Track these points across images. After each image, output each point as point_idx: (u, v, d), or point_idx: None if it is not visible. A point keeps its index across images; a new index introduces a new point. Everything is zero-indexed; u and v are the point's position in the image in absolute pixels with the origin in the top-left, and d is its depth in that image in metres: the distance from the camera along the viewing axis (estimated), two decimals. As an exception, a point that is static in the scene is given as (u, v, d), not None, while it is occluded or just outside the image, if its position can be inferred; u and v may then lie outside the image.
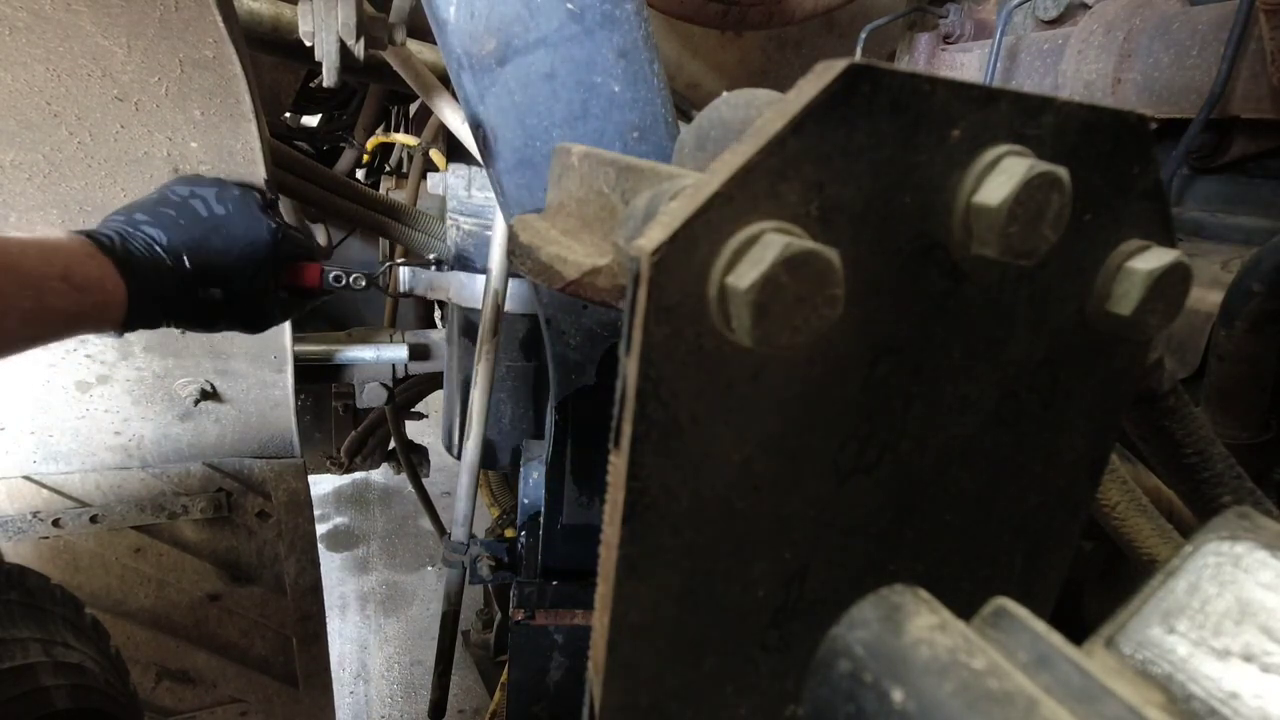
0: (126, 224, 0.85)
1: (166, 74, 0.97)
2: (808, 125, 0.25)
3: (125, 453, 1.18)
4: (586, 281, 0.35)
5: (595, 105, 0.76)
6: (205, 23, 0.95)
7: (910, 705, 0.25)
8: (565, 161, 0.42)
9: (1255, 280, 0.75)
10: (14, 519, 1.10)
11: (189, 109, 1.00)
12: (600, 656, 0.29)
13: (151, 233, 0.85)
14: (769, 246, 0.24)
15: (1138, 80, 1.09)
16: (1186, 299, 0.32)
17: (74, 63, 0.93)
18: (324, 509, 3.57)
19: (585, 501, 1.07)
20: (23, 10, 0.89)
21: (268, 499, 1.25)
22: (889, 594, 0.29)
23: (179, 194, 0.92)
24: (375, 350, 1.85)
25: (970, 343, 0.32)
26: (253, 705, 1.31)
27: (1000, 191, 0.27)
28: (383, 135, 2.62)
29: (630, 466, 0.26)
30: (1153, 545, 0.60)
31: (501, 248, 1.23)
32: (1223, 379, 0.81)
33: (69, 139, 0.98)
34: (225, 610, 1.26)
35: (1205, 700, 0.25)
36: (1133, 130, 0.32)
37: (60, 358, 1.10)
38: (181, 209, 0.90)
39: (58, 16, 0.90)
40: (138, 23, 0.93)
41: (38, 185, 0.99)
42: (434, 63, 1.49)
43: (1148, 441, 0.52)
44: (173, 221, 0.87)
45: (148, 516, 1.17)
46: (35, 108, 0.95)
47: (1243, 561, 0.27)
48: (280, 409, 1.25)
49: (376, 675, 2.65)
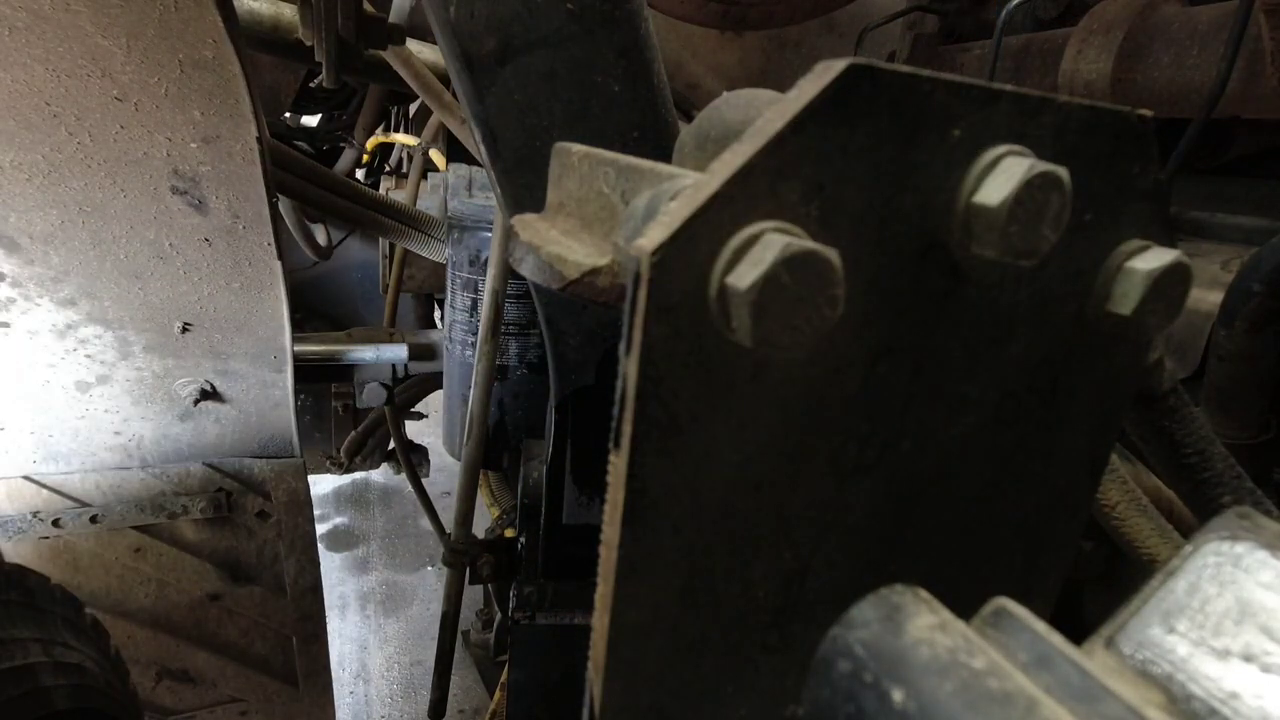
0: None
1: (166, 74, 0.97)
2: (808, 125, 0.25)
3: (125, 453, 1.18)
4: (586, 281, 0.35)
5: (595, 105, 0.76)
6: (205, 23, 0.95)
7: (910, 705, 0.25)
8: (565, 161, 0.42)
9: (1255, 280, 0.75)
10: (14, 519, 1.10)
11: (189, 109, 1.00)
12: (600, 656, 0.29)
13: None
14: (769, 246, 0.24)
15: (1138, 80, 1.09)
16: (1186, 299, 0.32)
17: (73, 63, 0.93)
18: (324, 509, 3.57)
19: (585, 501, 1.07)
20: (22, 10, 0.89)
21: (268, 499, 1.25)
22: (889, 594, 0.29)
23: None
24: (375, 350, 1.85)
25: (970, 343, 0.32)
26: (253, 705, 1.31)
27: (1000, 191, 0.27)
28: (383, 135, 2.62)
29: (630, 466, 0.26)
30: (1153, 545, 0.60)
31: (501, 248, 1.23)
32: (1223, 379, 0.81)
33: (69, 139, 0.97)
34: (225, 610, 1.26)
35: (1205, 700, 0.25)
36: (1133, 130, 0.32)
37: (60, 358, 1.10)
38: None
39: (57, 16, 0.90)
40: (137, 23, 0.93)
41: (38, 185, 0.99)
42: (434, 63, 1.49)
43: (1148, 441, 0.52)
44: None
45: (148, 516, 1.17)
46: (35, 108, 0.94)
47: (1243, 561, 0.27)
48: (280, 409, 1.25)
49: (376, 675, 2.65)
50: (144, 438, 1.19)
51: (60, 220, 1.01)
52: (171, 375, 1.17)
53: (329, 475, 2.60)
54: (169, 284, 1.11)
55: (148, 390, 1.16)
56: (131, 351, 1.13)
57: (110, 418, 1.16)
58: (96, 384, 1.13)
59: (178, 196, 1.06)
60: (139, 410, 1.17)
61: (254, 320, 1.18)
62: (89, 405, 1.14)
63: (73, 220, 1.02)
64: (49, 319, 1.07)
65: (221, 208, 1.09)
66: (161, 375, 1.16)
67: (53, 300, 1.06)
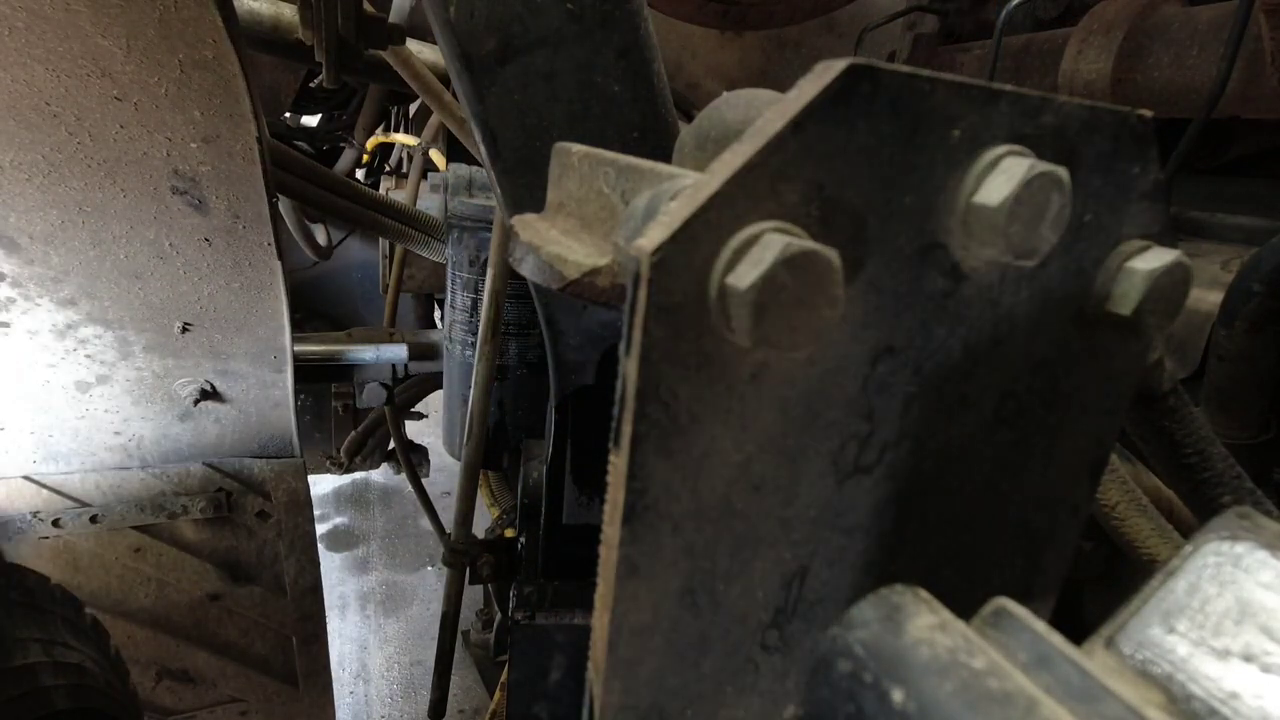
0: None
1: (166, 74, 0.97)
2: (808, 125, 0.25)
3: (125, 453, 1.18)
4: (586, 281, 0.35)
5: (595, 105, 0.76)
6: (205, 23, 0.95)
7: (910, 705, 0.25)
8: (565, 161, 0.42)
9: (1255, 280, 0.75)
10: (14, 519, 1.10)
11: (188, 109, 1.00)
12: (600, 656, 0.29)
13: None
14: (769, 246, 0.24)
15: (1138, 80, 1.09)
16: (1186, 299, 0.32)
17: (73, 63, 0.93)
18: (324, 509, 3.57)
19: (585, 501, 1.07)
20: (22, 10, 0.89)
21: (268, 499, 1.25)
22: (889, 594, 0.29)
23: None
24: (375, 350, 1.85)
25: (970, 343, 0.32)
26: (253, 705, 1.31)
27: (1000, 191, 0.27)
28: (383, 135, 2.62)
29: (630, 466, 0.26)
30: (1153, 545, 0.60)
31: (501, 248, 1.23)
32: (1223, 379, 0.81)
33: (69, 139, 0.97)
34: (225, 610, 1.26)
35: (1205, 700, 0.25)
36: (1133, 130, 0.32)
37: (60, 358, 1.10)
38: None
39: (57, 16, 0.90)
40: (137, 23, 0.93)
41: (38, 185, 0.99)
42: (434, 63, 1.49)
43: (1148, 441, 0.52)
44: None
45: (148, 516, 1.17)
46: (35, 108, 0.94)
47: (1243, 561, 0.27)
48: (280, 409, 1.25)
49: (376, 675, 2.65)
50: (144, 438, 1.19)
51: (60, 220, 1.01)
52: (171, 375, 1.17)
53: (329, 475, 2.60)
54: (169, 284, 1.11)
55: (148, 390, 1.16)
56: (131, 351, 1.13)
57: (110, 418, 1.16)
58: (96, 384, 1.13)
59: (178, 196, 1.06)
60: (139, 410, 1.17)
61: (254, 320, 1.18)
62: (89, 405, 1.14)
63: (73, 220, 1.02)
64: (49, 319, 1.07)
65: (221, 207, 1.09)
66: (161, 375, 1.16)
67: (53, 300, 1.06)
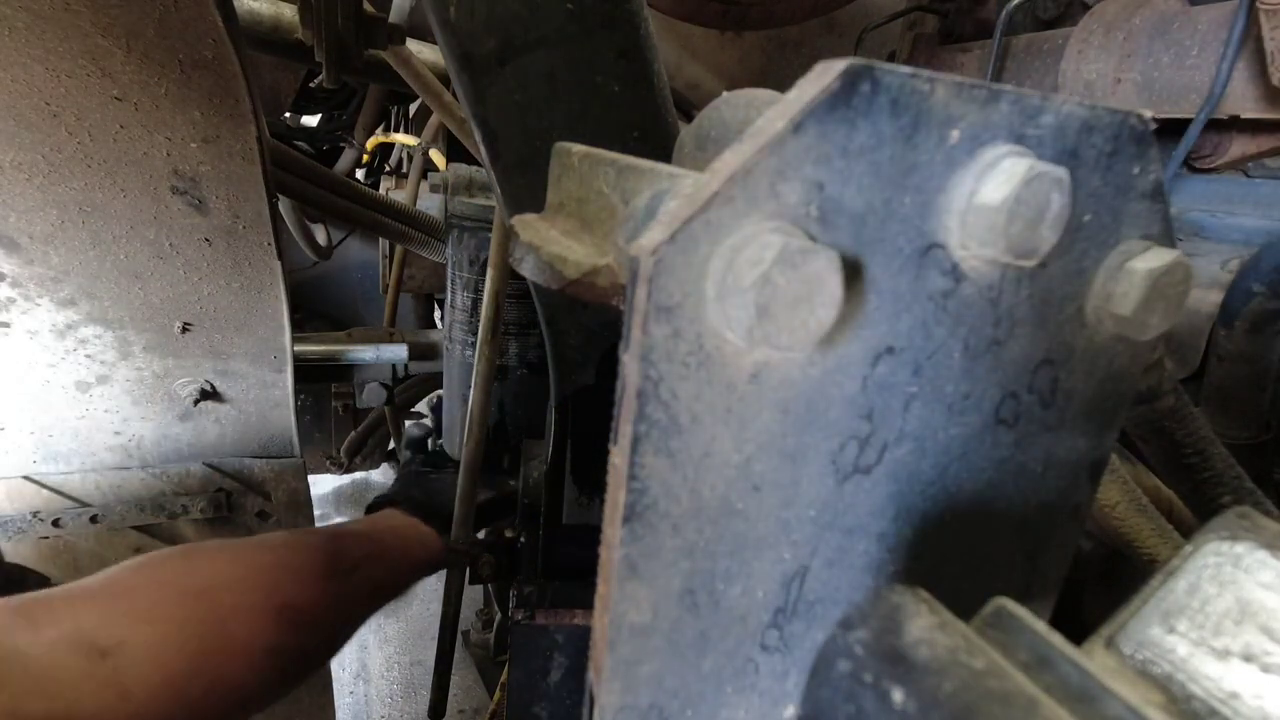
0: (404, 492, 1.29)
1: (166, 74, 0.97)
2: (808, 125, 0.25)
3: (125, 453, 1.18)
4: (586, 281, 0.35)
5: (595, 106, 0.76)
6: (205, 23, 0.95)
7: (910, 705, 0.25)
8: (565, 161, 0.42)
9: (1255, 280, 0.75)
10: (14, 519, 1.10)
11: (189, 109, 1.00)
12: (600, 656, 0.29)
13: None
14: (768, 246, 0.24)
15: (1138, 80, 1.09)
16: (1186, 299, 0.32)
17: (73, 63, 0.93)
18: (324, 509, 3.57)
19: (585, 501, 1.07)
20: (22, 10, 0.89)
21: (268, 499, 1.25)
22: (889, 594, 0.29)
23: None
24: (375, 350, 1.85)
25: (970, 343, 0.32)
26: (253, 705, 1.31)
27: (1000, 191, 0.27)
28: (383, 135, 2.62)
29: (630, 466, 0.26)
30: (1153, 545, 0.60)
31: (501, 248, 1.23)
32: (1223, 379, 0.81)
33: (69, 139, 0.97)
34: (225, 610, 1.25)
35: (1205, 700, 0.25)
36: (1133, 130, 0.32)
37: (60, 358, 1.10)
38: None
39: (57, 16, 0.90)
40: (137, 23, 0.93)
41: (37, 185, 0.99)
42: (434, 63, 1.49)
43: (1148, 441, 0.52)
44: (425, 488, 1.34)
45: (148, 516, 1.17)
46: (35, 108, 0.95)
47: (1243, 561, 0.27)
48: (280, 409, 1.25)
49: (376, 675, 2.65)
50: (144, 438, 1.19)
51: (60, 220, 1.02)
52: (171, 375, 1.17)
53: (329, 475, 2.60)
54: (169, 284, 1.11)
55: (148, 390, 1.16)
56: (131, 351, 1.13)
57: (110, 418, 1.16)
58: (96, 384, 1.13)
59: (178, 196, 1.06)
60: (139, 410, 1.17)
61: (254, 320, 1.18)
62: (89, 405, 1.14)
63: (73, 220, 1.02)
64: (49, 319, 1.07)
65: (221, 207, 1.09)
66: (161, 375, 1.16)
67: (53, 300, 1.06)
